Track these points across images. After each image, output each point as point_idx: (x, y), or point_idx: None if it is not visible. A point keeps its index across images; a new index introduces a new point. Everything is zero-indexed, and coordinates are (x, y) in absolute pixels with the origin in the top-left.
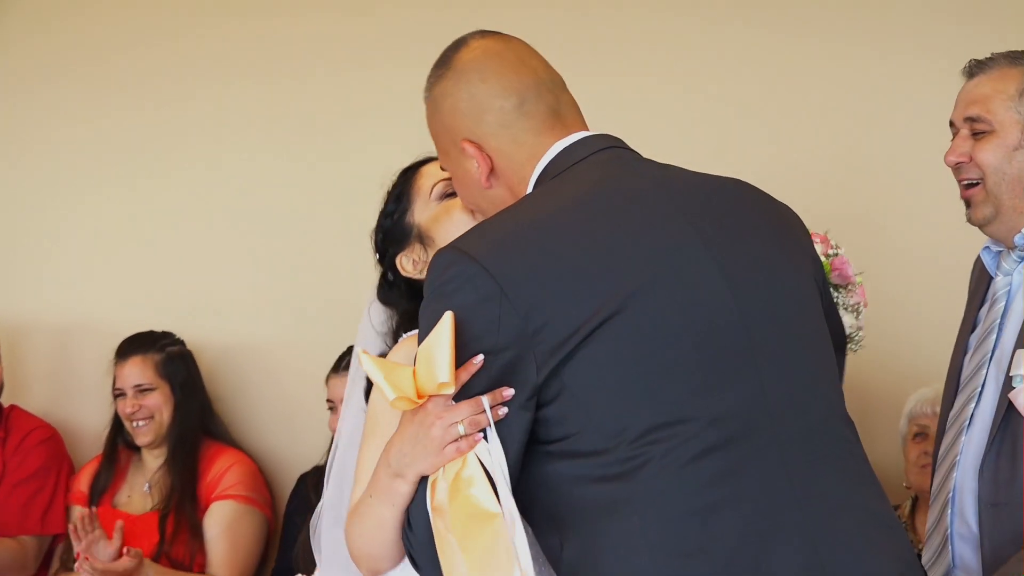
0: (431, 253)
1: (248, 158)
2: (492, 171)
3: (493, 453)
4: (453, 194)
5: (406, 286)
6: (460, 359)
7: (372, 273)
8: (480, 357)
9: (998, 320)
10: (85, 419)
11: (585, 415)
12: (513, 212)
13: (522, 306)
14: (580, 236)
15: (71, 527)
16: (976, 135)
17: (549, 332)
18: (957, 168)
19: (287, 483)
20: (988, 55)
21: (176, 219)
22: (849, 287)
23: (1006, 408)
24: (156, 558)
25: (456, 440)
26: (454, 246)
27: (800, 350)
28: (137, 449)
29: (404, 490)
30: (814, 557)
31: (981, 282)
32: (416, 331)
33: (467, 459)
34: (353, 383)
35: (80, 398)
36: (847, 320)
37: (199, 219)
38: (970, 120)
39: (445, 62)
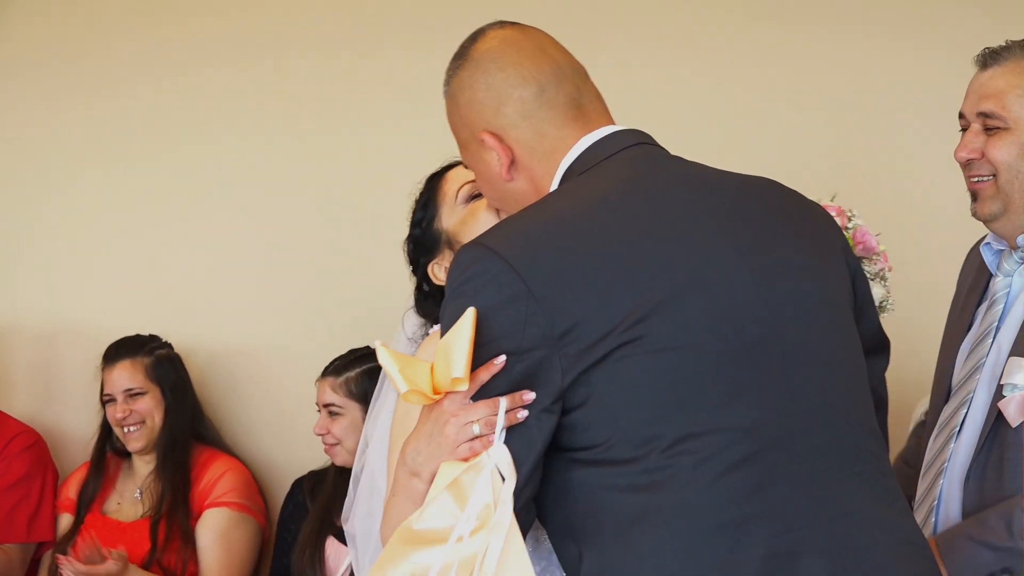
0: None
1: (238, 160)
2: (513, 163)
3: (501, 458)
4: (479, 196)
5: (441, 296)
6: (482, 359)
7: (366, 277)
8: (502, 358)
9: (995, 323)
10: (71, 424)
11: (613, 422)
12: (540, 209)
13: (549, 307)
14: (609, 238)
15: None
16: (989, 131)
17: (576, 335)
18: (968, 164)
19: (278, 489)
20: (1003, 42)
21: (165, 221)
22: (873, 257)
23: (995, 417)
24: (147, 565)
25: (471, 440)
26: (478, 242)
27: (831, 360)
28: (126, 455)
29: (421, 488)
30: (841, 573)
31: (981, 276)
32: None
33: (479, 461)
34: (384, 382)
35: (66, 403)
36: (876, 291)
37: (188, 221)
38: (983, 116)
39: (462, 54)
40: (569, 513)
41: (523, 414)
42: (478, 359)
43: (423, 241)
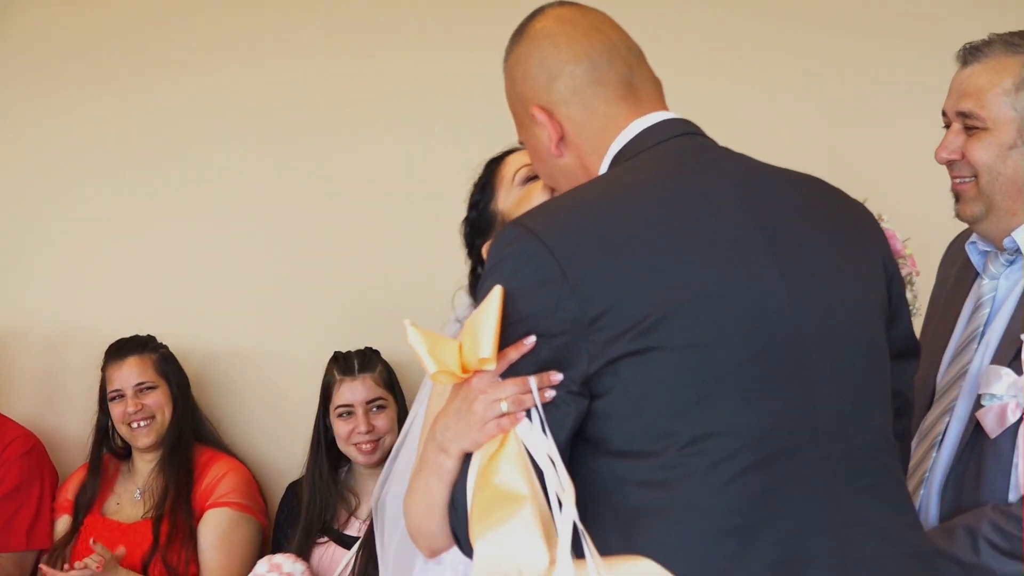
0: None
1: (237, 162)
2: (562, 139)
3: (538, 435)
4: (536, 178)
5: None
6: (512, 338)
7: (365, 278)
8: (532, 338)
9: (980, 328)
10: (72, 427)
11: (636, 414)
12: (584, 193)
13: (582, 292)
14: (648, 229)
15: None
16: (969, 131)
17: (606, 323)
18: (949, 165)
19: (275, 491)
20: (985, 37)
21: (163, 224)
22: (900, 261)
23: (974, 426)
24: (148, 564)
25: (499, 417)
26: (519, 222)
27: (853, 369)
28: (125, 457)
29: (449, 465)
30: None
31: (966, 275)
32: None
33: (508, 438)
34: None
35: (67, 406)
36: None
37: (187, 224)
38: (963, 115)
39: (520, 31)
40: (583, 503)
41: (551, 394)
42: (508, 338)
43: (479, 223)
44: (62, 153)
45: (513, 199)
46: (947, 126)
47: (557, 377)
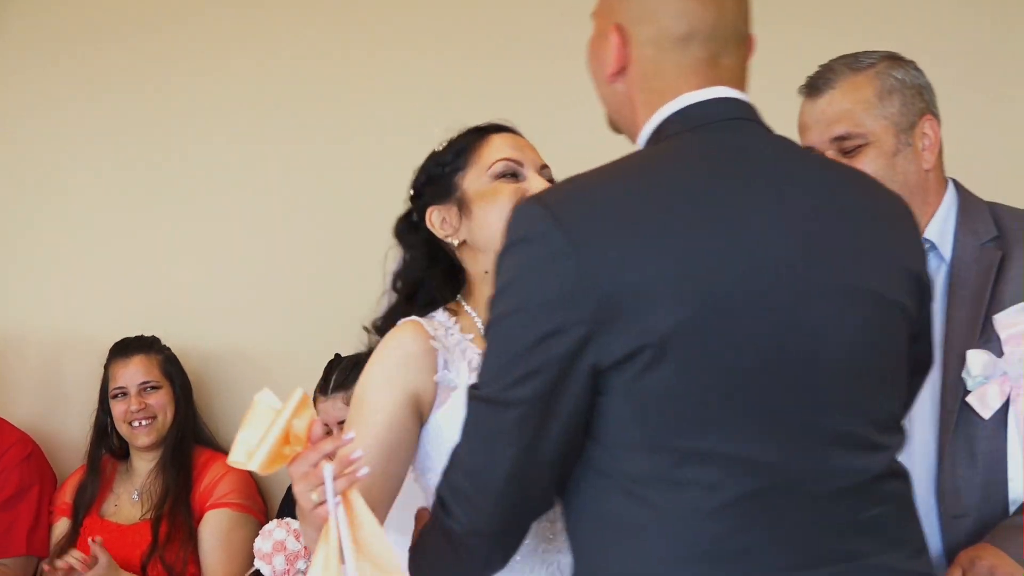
0: (464, 222)
1: (234, 162)
2: (622, 72)
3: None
4: (509, 176)
5: (425, 238)
6: (521, 325)
7: (363, 279)
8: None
9: None
10: (72, 430)
11: (639, 423)
12: (615, 176)
13: (597, 292)
14: (673, 226)
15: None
16: (849, 153)
17: (619, 324)
18: None
19: (273, 492)
20: (818, 68)
21: (161, 224)
22: None
23: (958, 412)
24: (146, 565)
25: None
26: (544, 201)
27: (866, 393)
28: (123, 457)
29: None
30: None
31: None
32: (411, 319)
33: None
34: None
35: (67, 409)
36: None
37: (185, 224)
38: (839, 140)
39: None
40: (568, 505)
41: (363, 472)
42: (517, 325)
43: (439, 183)
44: (60, 154)
45: (481, 187)
46: None
47: (357, 454)
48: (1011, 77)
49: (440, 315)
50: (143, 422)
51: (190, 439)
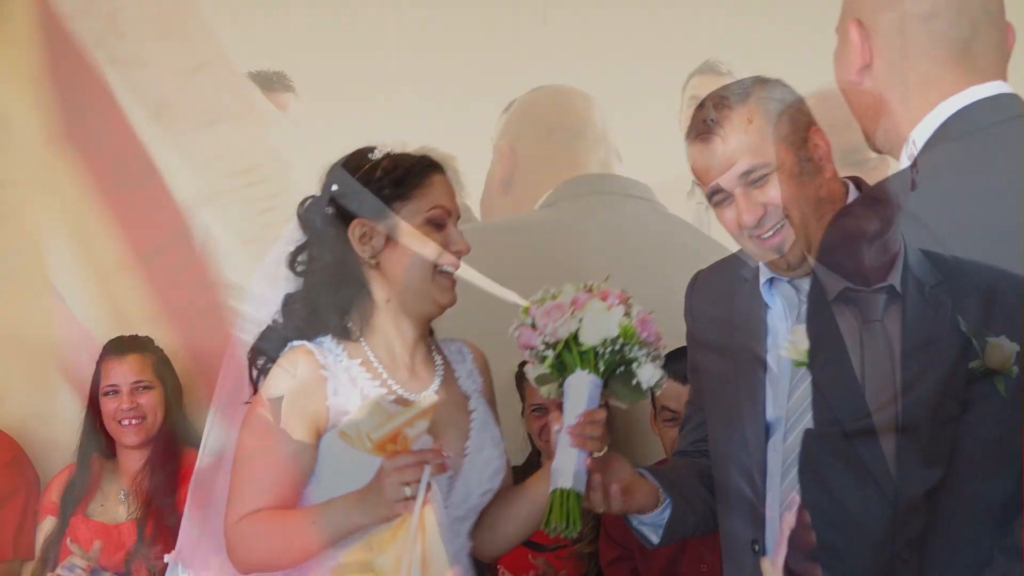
0: (387, 250)
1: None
2: (868, 68)
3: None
4: (439, 226)
5: (336, 242)
6: None
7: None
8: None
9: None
10: (60, 433)
11: None
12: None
13: None
14: None
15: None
16: (755, 184)
17: None
18: (759, 223)
19: None
20: (693, 112)
21: (159, 226)
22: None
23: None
24: (129, 565)
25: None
26: None
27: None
28: (110, 456)
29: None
30: None
31: (753, 314)
32: (301, 345)
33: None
34: None
35: (54, 412)
36: (650, 372)
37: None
38: (744, 175)
39: None
40: None
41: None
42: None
43: (375, 203)
44: (50, 153)
45: (410, 227)
46: (720, 203)
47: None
48: None
49: (328, 342)
50: (132, 421)
51: (179, 442)
